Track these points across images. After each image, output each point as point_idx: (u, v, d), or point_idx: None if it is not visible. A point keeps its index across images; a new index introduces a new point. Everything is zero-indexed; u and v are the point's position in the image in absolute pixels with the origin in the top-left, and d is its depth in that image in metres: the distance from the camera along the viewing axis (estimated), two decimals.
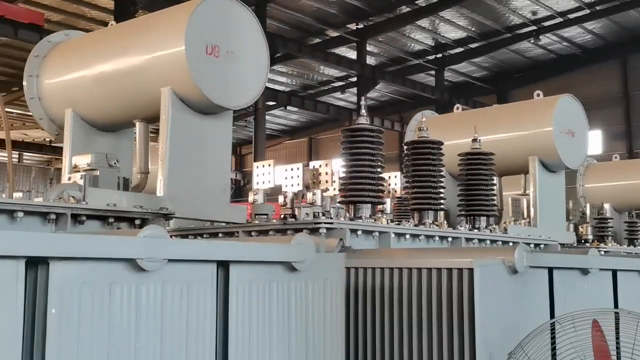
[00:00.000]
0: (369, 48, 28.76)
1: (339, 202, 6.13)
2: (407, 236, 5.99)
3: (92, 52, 5.73)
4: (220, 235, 5.93)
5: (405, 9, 25.97)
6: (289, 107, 32.50)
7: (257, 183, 6.84)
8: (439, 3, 25.29)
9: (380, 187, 6.05)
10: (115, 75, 5.45)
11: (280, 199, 6.56)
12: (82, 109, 5.76)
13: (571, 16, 26.95)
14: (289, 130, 38.68)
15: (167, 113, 5.11)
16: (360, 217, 5.87)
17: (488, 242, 6.71)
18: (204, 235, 6.09)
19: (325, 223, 5.35)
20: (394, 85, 30.55)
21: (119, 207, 4.50)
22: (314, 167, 6.71)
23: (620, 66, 30.32)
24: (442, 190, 6.56)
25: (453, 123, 8.26)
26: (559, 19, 27.15)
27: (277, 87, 31.27)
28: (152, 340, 3.05)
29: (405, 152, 6.62)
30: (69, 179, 5.23)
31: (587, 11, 26.53)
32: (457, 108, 8.69)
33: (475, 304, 4.39)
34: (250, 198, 6.60)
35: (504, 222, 8.07)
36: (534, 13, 26.92)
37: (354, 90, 30.29)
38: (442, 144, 6.60)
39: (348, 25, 27.31)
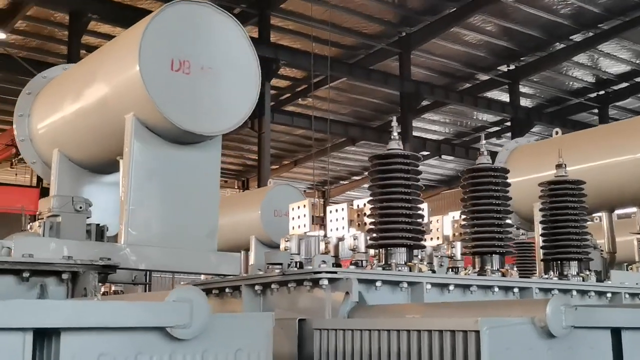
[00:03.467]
0: (523, 89, 27.09)
1: (367, 246, 4.99)
2: (451, 287, 4.72)
3: (67, 87, 5.08)
4: (223, 291, 4.98)
5: (559, 46, 24.16)
6: (443, 156, 31.28)
7: (293, 228, 5.87)
8: (597, 37, 23.26)
9: (418, 227, 4.86)
10: (87, 109, 4.74)
11: (322, 245, 5.53)
12: (66, 149, 5.09)
13: None
14: (446, 179, 37.20)
15: (130, 143, 4.28)
16: (389, 265, 4.71)
17: (574, 292, 5.27)
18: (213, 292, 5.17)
19: (326, 272, 4.26)
20: (552, 126, 28.42)
21: (38, 258, 3.68)
22: (357, 205, 5.64)
23: None
24: (508, 228, 5.24)
25: (547, 150, 6.85)
26: None
27: (428, 135, 30.16)
28: None
29: (462, 183, 5.38)
30: (30, 227, 4.52)
31: None
32: (557, 133, 7.26)
33: None
34: (282, 246, 5.63)
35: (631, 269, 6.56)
36: None
37: (510, 135, 28.51)
38: (506, 171, 5.31)
39: (499, 68, 25.89)
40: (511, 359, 3.21)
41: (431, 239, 5.92)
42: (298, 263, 4.83)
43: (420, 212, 4.91)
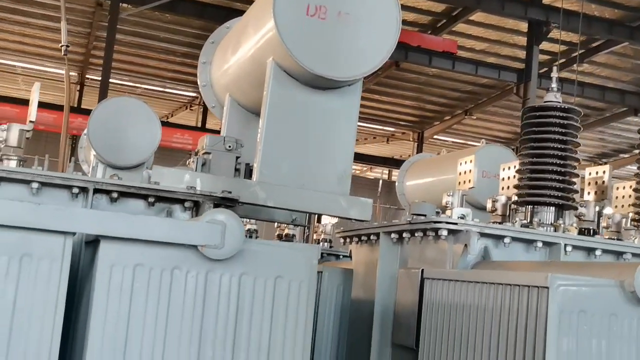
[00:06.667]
0: None
1: (513, 203, 4.73)
2: (598, 252, 4.32)
3: (233, 37, 5.37)
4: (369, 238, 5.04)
5: None
6: None
7: (459, 183, 5.75)
8: None
9: (570, 186, 4.49)
10: (243, 56, 4.99)
11: (489, 204, 5.36)
12: (234, 94, 5.42)
13: None
14: None
15: (268, 86, 4.45)
16: (532, 223, 4.43)
17: None
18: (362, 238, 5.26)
19: (446, 223, 4.13)
20: None
21: (162, 186, 3.99)
22: None
23: None
24: None
25: None
26: None
27: None
28: None
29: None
30: (188, 163, 4.93)
31: None
32: None
33: (548, 342, 2.87)
34: (444, 200, 5.54)
35: None
36: None
37: None
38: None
39: None
40: (586, 323, 2.91)
41: (615, 206, 5.39)
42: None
43: (574, 170, 4.53)
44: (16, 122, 4.46)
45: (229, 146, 4.75)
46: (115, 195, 3.94)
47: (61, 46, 4.28)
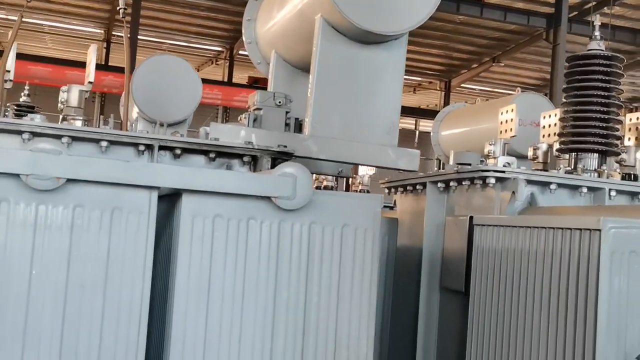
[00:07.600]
0: None
1: (557, 150, 4.88)
2: None
3: None
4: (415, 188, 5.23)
5: None
6: None
7: (500, 132, 5.88)
8: None
9: (613, 133, 4.63)
10: (289, 13, 5.12)
11: (530, 152, 5.50)
12: (280, 50, 5.56)
13: None
14: None
15: (317, 42, 4.59)
16: (576, 170, 4.58)
17: None
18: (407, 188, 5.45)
19: (494, 171, 4.30)
20: None
21: (222, 142, 4.19)
22: None
23: None
24: None
25: None
26: None
27: None
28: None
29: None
30: (240, 119, 5.11)
31: None
32: None
33: (601, 282, 3.05)
34: (485, 149, 5.69)
35: None
36: None
37: None
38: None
39: None
40: (637, 263, 3.08)
41: None
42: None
43: (617, 117, 4.66)
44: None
45: (279, 102, 4.92)
46: (178, 151, 4.16)
47: (119, 9, 4.46)
